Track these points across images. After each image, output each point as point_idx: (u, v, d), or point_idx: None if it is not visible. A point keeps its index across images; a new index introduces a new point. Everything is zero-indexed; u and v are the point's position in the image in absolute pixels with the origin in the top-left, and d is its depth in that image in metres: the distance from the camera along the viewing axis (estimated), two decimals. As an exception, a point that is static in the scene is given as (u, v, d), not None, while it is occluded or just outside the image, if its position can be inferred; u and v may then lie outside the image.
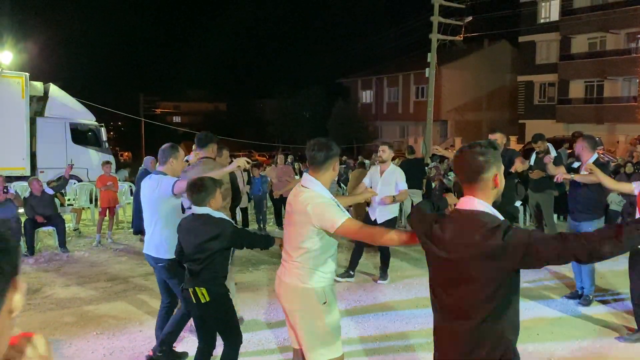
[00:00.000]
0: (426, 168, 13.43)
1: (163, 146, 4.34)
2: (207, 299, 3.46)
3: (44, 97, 14.59)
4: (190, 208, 3.79)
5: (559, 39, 29.89)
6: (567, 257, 1.96)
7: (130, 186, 12.17)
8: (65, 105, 14.95)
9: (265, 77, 78.01)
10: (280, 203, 10.61)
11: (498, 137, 6.31)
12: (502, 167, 2.20)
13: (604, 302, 5.92)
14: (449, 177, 12.60)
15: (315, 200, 2.89)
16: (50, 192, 8.99)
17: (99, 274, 7.23)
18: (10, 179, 11.70)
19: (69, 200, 11.90)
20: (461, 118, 36.62)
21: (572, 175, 5.60)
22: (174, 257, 3.89)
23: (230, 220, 3.74)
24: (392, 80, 40.58)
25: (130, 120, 34.63)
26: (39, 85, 14.56)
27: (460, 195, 2.35)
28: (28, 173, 13.22)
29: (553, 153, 8.24)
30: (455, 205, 2.36)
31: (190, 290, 3.50)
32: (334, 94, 42.17)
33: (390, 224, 6.62)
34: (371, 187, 6.44)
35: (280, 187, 10.44)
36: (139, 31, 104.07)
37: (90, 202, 11.86)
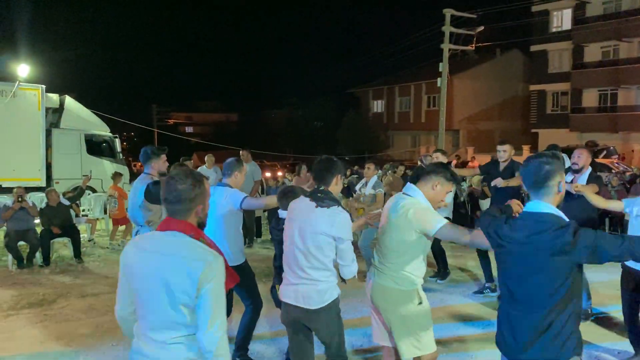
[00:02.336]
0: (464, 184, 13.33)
1: (228, 160, 4.55)
2: None
3: (60, 108, 14.75)
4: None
5: (572, 48, 29.75)
6: (627, 256, 2.29)
7: (144, 197, 12.22)
8: (80, 117, 15.10)
9: (276, 87, 78.50)
10: None
11: (507, 148, 6.35)
12: (564, 176, 2.51)
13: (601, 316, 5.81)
14: (463, 187, 12.55)
15: (416, 206, 3.18)
16: (67, 202, 9.08)
17: (113, 285, 7.20)
18: (26, 189, 11.84)
19: (83, 210, 11.99)
20: (473, 127, 36.50)
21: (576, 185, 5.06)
22: (240, 263, 4.30)
23: None
24: (404, 89, 40.57)
25: (143, 130, 34.90)
26: (54, 97, 14.72)
27: (473, 204, 2.56)
28: (44, 184, 13.34)
29: (567, 164, 8.17)
30: (517, 211, 2.89)
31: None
32: (345, 104, 42.28)
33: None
34: None
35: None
36: (153, 44, 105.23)
37: (105, 212, 11.94)
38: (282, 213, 3.91)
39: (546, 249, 2.32)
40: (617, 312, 5.79)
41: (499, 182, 6.00)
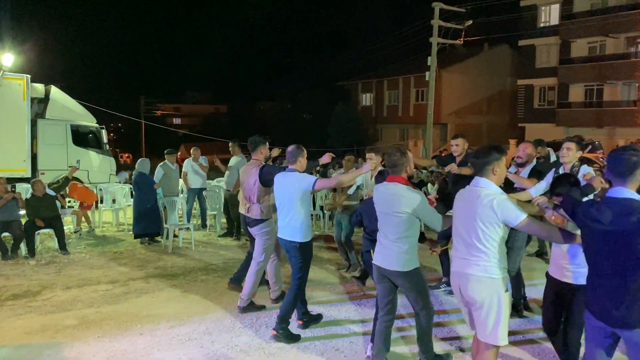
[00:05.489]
0: (424, 172, 13.48)
1: (289, 148, 4.95)
2: None
3: (45, 99, 14.61)
4: None
5: (559, 43, 29.91)
6: None
7: (130, 189, 12.17)
8: (66, 107, 14.97)
9: (265, 79, 78.21)
10: None
11: (459, 142, 6.59)
12: None
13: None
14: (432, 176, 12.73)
15: (499, 197, 3.33)
16: (52, 193, 9.02)
17: (99, 277, 7.25)
18: (11, 180, 11.72)
19: (69, 202, 11.90)
20: (461, 121, 36.64)
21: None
22: (309, 240, 4.90)
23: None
24: (393, 83, 40.58)
25: (130, 122, 34.64)
26: (40, 87, 14.57)
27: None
28: (29, 175, 13.24)
29: (553, 158, 8.30)
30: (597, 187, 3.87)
31: None
32: (334, 97, 42.15)
33: None
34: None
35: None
36: (140, 33, 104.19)
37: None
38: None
39: (630, 230, 2.70)
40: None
41: (453, 167, 6.20)
